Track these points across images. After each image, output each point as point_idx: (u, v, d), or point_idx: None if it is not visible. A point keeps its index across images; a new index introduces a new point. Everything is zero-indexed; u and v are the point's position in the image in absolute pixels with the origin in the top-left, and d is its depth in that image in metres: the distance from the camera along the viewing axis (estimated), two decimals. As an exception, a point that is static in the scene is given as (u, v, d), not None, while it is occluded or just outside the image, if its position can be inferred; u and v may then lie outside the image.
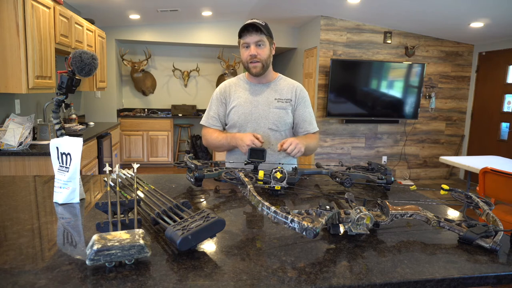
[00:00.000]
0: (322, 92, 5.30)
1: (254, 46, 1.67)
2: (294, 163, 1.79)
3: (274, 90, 1.78)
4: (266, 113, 1.74)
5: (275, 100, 1.76)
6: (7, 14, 2.56)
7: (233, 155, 1.84)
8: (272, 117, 1.74)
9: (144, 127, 6.13)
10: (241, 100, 1.77)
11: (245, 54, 1.70)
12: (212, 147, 1.86)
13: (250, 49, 1.68)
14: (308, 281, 0.75)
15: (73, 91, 1.41)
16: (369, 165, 1.58)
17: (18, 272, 0.75)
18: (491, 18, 4.37)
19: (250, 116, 1.74)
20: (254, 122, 1.74)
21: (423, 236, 1.01)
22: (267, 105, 1.75)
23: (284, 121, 1.76)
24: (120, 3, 4.46)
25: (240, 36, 1.70)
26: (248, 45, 1.68)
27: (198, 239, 0.84)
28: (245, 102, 1.76)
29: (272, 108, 1.75)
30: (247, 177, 1.22)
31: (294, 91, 1.80)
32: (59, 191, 1.19)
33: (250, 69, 1.72)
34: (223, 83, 1.86)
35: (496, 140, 5.37)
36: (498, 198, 2.86)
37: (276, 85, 1.80)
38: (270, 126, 1.75)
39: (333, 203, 1.00)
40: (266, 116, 1.74)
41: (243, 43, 1.69)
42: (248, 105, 1.75)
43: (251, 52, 1.67)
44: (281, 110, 1.75)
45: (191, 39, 5.96)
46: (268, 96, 1.76)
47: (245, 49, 1.70)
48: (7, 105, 3.06)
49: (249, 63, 1.70)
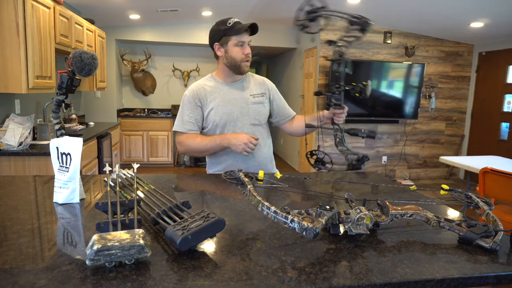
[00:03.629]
0: (322, 92, 5.29)
1: (248, 46, 1.70)
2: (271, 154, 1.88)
3: (246, 87, 1.82)
4: (246, 110, 1.77)
5: (251, 96, 1.80)
6: (7, 14, 2.56)
7: (218, 165, 1.80)
8: (253, 112, 1.79)
9: (144, 127, 6.13)
10: (218, 100, 1.75)
11: (239, 53, 1.69)
12: (195, 153, 1.79)
13: (246, 48, 1.69)
14: (308, 281, 0.75)
15: (73, 91, 1.41)
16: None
17: (18, 272, 0.75)
18: (491, 18, 4.37)
19: (231, 115, 1.75)
20: (236, 120, 1.76)
21: (423, 236, 1.01)
22: (244, 102, 1.78)
23: (263, 114, 1.83)
24: (120, 3, 4.46)
25: (234, 33, 1.67)
26: (243, 44, 1.68)
27: (198, 239, 0.84)
28: (223, 102, 1.75)
29: (250, 104, 1.79)
30: (247, 177, 1.22)
31: (265, 85, 1.87)
32: (59, 191, 1.19)
33: (243, 67, 1.72)
34: (193, 86, 1.79)
35: (496, 140, 5.37)
36: (498, 198, 2.86)
37: (246, 82, 1.83)
38: (252, 121, 1.78)
39: (333, 203, 1.00)
40: (247, 112, 1.77)
41: (238, 41, 1.67)
42: (227, 105, 1.75)
43: (248, 51, 1.69)
44: (259, 105, 1.81)
45: (191, 39, 5.96)
46: (243, 94, 1.79)
47: (238, 47, 1.69)
48: (7, 105, 3.06)
49: (243, 62, 1.71)
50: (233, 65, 1.72)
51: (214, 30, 1.73)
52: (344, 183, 1.62)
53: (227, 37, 1.68)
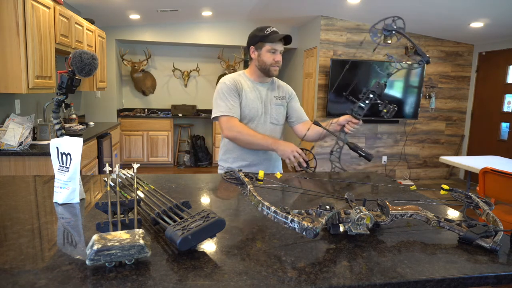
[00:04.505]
0: (322, 92, 5.30)
1: (279, 53, 1.87)
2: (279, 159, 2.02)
3: (272, 89, 2.00)
4: (269, 109, 1.95)
5: (274, 98, 1.98)
6: (7, 14, 2.56)
7: (228, 153, 1.95)
8: (274, 112, 1.97)
9: (144, 127, 6.13)
10: (249, 95, 1.91)
11: (270, 58, 1.86)
12: (242, 141, 1.84)
13: (277, 55, 1.86)
14: (308, 281, 0.75)
15: (73, 91, 1.41)
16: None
17: (18, 272, 0.75)
18: (491, 18, 4.37)
19: (257, 112, 1.91)
20: (260, 117, 1.93)
21: (423, 236, 1.01)
22: (268, 102, 1.96)
23: (282, 115, 2.02)
24: (120, 3, 4.46)
25: (269, 41, 1.83)
26: (275, 51, 1.85)
27: (198, 239, 0.84)
28: (253, 98, 1.91)
29: (273, 105, 1.97)
30: (247, 177, 1.22)
31: (287, 90, 2.09)
32: (59, 191, 1.19)
33: (271, 71, 1.89)
34: (229, 77, 1.92)
35: (496, 140, 5.37)
36: (498, 198, 2.86)
37: (273, 85, 2.02)
38: (272, 120, 1.97)
39: (333, 203, 1.00)
40: (269, 112, 1.95)
41: (271, 48, 1.84)
42: (255, 101, 1.91)
43: (278, 58, 1.87)
44: (280, 107, 2.00)
45: (191, 39, 5.96)
46: (268, 94, 1.97)
47: (270, 53, 1.85)
48: (7, 105, 3.06)
49: (272, 66, 1.88)
50: (263, 68, 1.89)
51: (252, 35, 1.90)
52: (344, 183, 1.62)
53: (262, 43, 1.86)
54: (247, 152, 1.90)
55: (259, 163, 1.92)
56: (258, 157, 1.92)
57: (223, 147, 1.99)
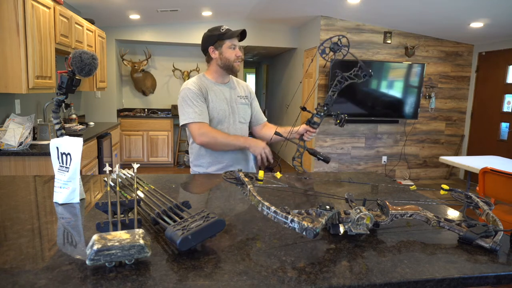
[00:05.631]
0: (322, 92, 5.30)
1: (238, 49, 1.90)
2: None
3: (233, 88, 2.01)
4: (235, 109, 1.96)
5: (238, 97, 2.00)
6: (7, 14, 2.56)
7: (201, 159, 1.93)
8: (241, 111, 1.98)
9: (144, 127, 6.13)
10: (215, 98, 1.91)
11: (233, 54, 1.88)
12: (218, 145, 1.84)
13: (238, 50, 1.90)
14: (308, 281, 0.75)
15: (73, 91, 1.41)
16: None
17: (18, 272, 0.75)
18: (491, 18, 4.37)
19: (225, 112, 1.92)
20: (229, 117, 1.93)
21: (423, 236, 1.01)
22: (234, 102, 1.97)
23: (248, 114, 2.04)
24: (120, 3, 4.46)
25: (227, 37, 1.86)
26: (235, 47, 1.88)
27: (198, 239, 0.84)
28: (218, 99, 1.91)
29: (239, 104, 1.98)
30: (247, 177, 1.22)
31: (248, 89, 2.10)
32: (59, 191, 1.19)
33: (235, 67, 1.91)
34: (191, 82, 1.91)
35: (496, 140, 5.37)
36: (498, 198, 2.86)
37: (233, 84, 2.03)
38: (240, 120, 1.98)
39: (333, 203, 1.00)
40: (237, 111, 1.97)
41: (231, 44, 1.87)
42: (221, 103, 1.92)
43: (240, 53, 1.90)
44: (245, 106, 2.02)
45: (191, 39, 5.96)
46: (232, 94, 1.98)
47: (231, 50, 1.88)
48: (7, 105, 3.06)
49: (235, 62, 1.89)
50: (226, 65, 1.89)
51: (208, 36, 1.90)
52: (344, 183, 1.62)
53: (221, 41, 1.87)
54: (221, 154, 1.89)
55: (235, 163, 1.91)
56: (232, 158, 1.91)
57: (194, 153, 1.94)
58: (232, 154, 1.90)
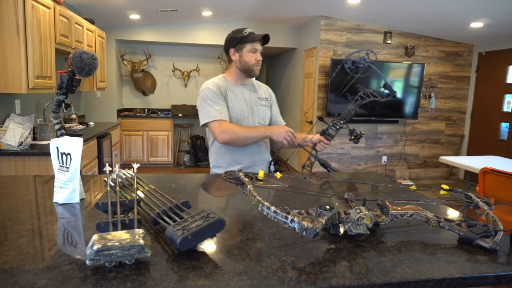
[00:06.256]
0: (322, 92, 5.30)
1: (259, 53, 1.89)
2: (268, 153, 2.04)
3: (254, 90, 2.02)
4: (255, 110, 1.97)
5: (258, 99, 2.00)
6: (7, 14, 2.56)
7: (220, 159, 1.93)
8: (260, 113, 1.99)
9: (144, 127, 6.13)
10: (234, 98, 1.91)
11: (252, 58, 1.87)
12: (240, 140, 1.83)
13: (258, 54, 1.88)
14: (308, 281, 0.75)
15: (73, 91, 1.41)
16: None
17: (18, 272, 0.75)
18: (491, 18, 4.37)
19: (244, 113, 1.92)
20: (248, 118, 1.93)
21: (423, 236, 1.01)
22: (254, 103, 1.97)
23: (267, 116, 2.04)
24: (120, 3, 4.46)
25: (249, 41, 1.85)
26: (256, 51, 1.87)
27: (198, 239, 0.84)
28: (239, 100, 1.92)
29: (258, 105, 1.99)
30: (247, 177, 1.22)
31: (268, 92, 2.11)
32: (59, 191, 1.19)
33: (254, 71, 1.91)
34: (211, 82, 1.91)
35: (496, 140, 5.37)
36: (498, 198, 2.86)
37: (253, 86, 2.03)
38: (259, 121, 1.98)
39: (333, 203, 1.00)
40: (256, 112, 1.97)
41: (252, 48, 1.86)
42: (241, 103, 1.92)
43: (260, 58, 1.89)
44: (265, 107, 2.02)
45: (191, 39, 5.96)
46: (252, 96, 1.98)
47: (252, 53, 1.87)
48: (7, 105, 3.06)
49: (255, 66, 1.89)
50: (245, 69, 1.90)
51: (230, 37, 1.91)
52: (344, 183, 1.62)
53: (242, 44, 1.87)
54: (240, 155, 1.90)
55: (254, 165, 1.92)
56: (252, 159, 1.92)
57: (215, 153, 1.95)
58: (251, 157, 1.91)
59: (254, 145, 1.93)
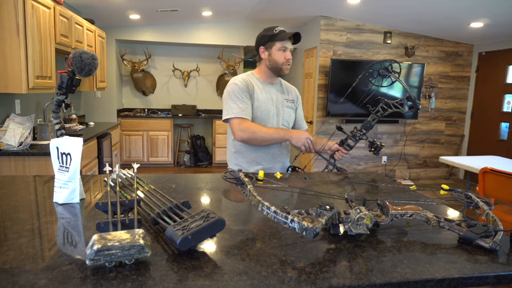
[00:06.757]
0: (322, 92, 5.30)
1: (289, 52, 1.85)
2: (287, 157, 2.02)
3: (281, 91, 1.98)
4: (280, 111, 1.93)
5: (284, 100, 1.96)
6: (7, 14, 2.56)
7: (240, 157, 1.91)
8: (285, 114, 1.95)
9: (144, 127, 6.13)
10: (261, 97, 1.87)
11: (282, 57, 1.84)
12: (258, 140, 1.82)
13: (288, 53, 1.84)
14: (308, 281, 0.75)
15: (73, 91, 1.41)
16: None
17: (18, 272, 0.75)
18: (491, 18, 4.37)
19: (270, 113, 1.89)
20: (273, 118, 1.90)
21: (423, 236, 1.01)
22: (280, 104, 1.93)
23: (292, 118, 2.00)
24: (120, 3, 4.46)
25: (279, 39, 1.81)
26: (286, 49, 1.83)
27: (198, 239, 0.84)
28: (265, 99, 1.88)
29: (284, 107, 1.95)
30: (247, 177, 1.22)
31: (295, 93, 2.05)
32: (59, 191, 1.19)
33: (283, 70, 1.87)
34: (240, 78, 1.88)
35: (496, 140, 5.37)
36: (498, 198, 2.86)
37: (281, 86, 1.99)
38: (283, 122, 1.95)
39: (333, 203, 1.00)
40: (282, 113, 1.93)
41: (281, 46, 1.82)
42: (267, 103, 1.89)
43: (289, 57, 1.85)
44: (290, 109, 1.98)
45: (191, 39, 5.96)
46: (279, 96, 1.94)
47: (281, 52, 1.83)
48: (7, 105, 3.06)
49: (284, 65, 1.85)
50: (274, 67, 1.86)
51: (261, 35, 1.88)
52: (344, 183, 1.62)
53: (272, 42, 1.83)
54: (261, 155, 1.88)
55: (273, 168, 1.90)
56: (272, 161, 1.90)
57: (233, 149, 1.92)
58: (272, 158, 1.90)
59: (276, 147, 1.90)
